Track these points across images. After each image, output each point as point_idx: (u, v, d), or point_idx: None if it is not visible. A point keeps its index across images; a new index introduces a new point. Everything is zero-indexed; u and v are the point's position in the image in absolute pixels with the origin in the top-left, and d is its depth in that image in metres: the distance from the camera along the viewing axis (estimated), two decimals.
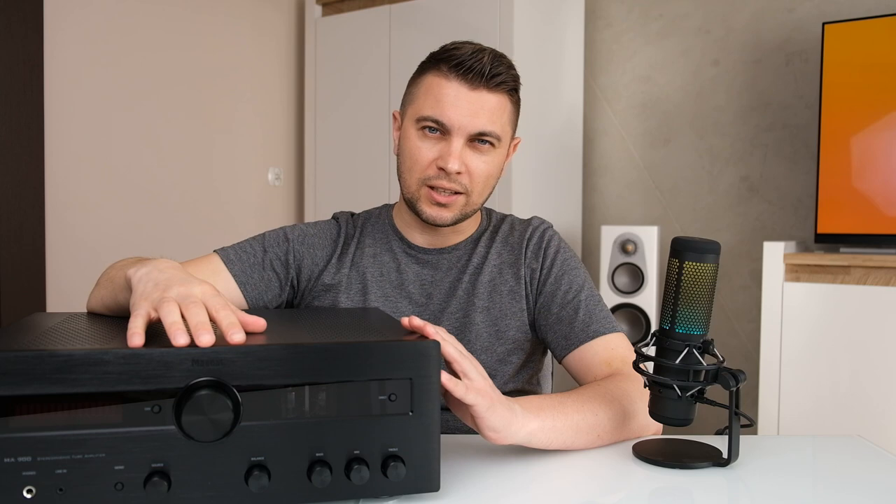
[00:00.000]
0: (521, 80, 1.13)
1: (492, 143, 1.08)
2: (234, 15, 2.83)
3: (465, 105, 1.05)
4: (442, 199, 1.08)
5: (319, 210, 2.95)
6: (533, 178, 2.59)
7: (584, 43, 2.89)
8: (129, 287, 0.82)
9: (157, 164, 2.57)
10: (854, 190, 2.23)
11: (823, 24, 2.27)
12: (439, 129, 1.07)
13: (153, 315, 0.71)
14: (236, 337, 0.67)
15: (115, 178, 2.45)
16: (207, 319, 0.69)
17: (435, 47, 1.11)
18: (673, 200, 2.78)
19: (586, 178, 2.93)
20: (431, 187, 1.08)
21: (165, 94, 2.59)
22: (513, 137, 1.15)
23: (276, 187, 3.03)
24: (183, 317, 0.69)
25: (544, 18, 2.63)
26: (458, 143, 1.06)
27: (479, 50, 1.06)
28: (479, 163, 1.08)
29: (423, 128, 1.08)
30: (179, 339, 0.65)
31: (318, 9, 2.97)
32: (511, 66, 1.09)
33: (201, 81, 2.71)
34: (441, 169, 1.07)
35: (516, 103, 1.13)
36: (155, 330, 0.73)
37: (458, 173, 1.07)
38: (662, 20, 2.77)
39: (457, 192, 1.08)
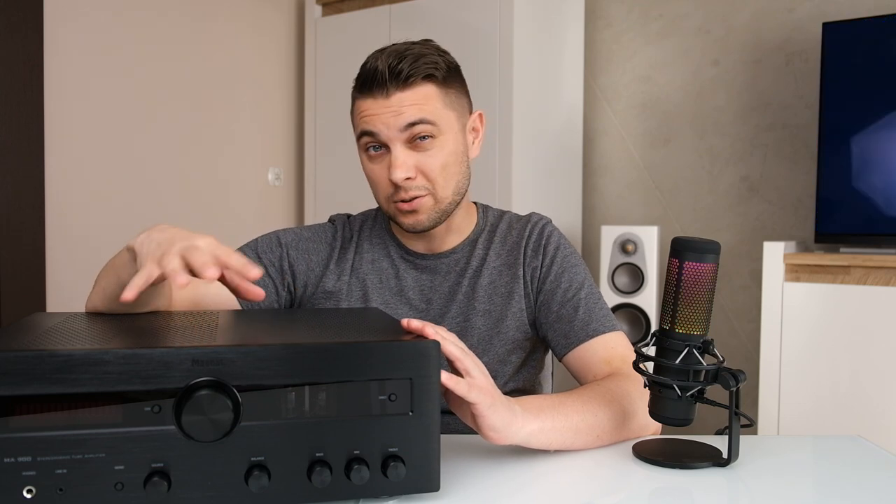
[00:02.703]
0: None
1: (431, 136, 1.06)
2: (234, 15, 2.83)
3: (387, 111, 1.04)
4: (407, 206, 1.07)
5: (319, 210, 2.95)
6: (533, 178, 2.59)
7: (584, 43, 2.89)
8: (133, 260, 0.83)
9: (156, 164, 2.57)
10: (854, 190, 2.23)
11: (823, 24, 2.27)
12: (381, 146, 1.07)
13: (156, 273, 0.74)
14: (253, 272, 0.74)
15: (115, 178, 2.45)
16: (210, 259, 0.73)
17: None
18: (673, 200, 2.78)
19: (586, 178, 2.93)
20: (397, 201, 1.08)
21: (165, 94, 2.59)
22: (466, 115, 1.12)
23: (276, 187, 3.03)
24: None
25: (544, 18, 2.63)
26: (396, 150, 1.05)
27: (375, 58, 1.06)
28: (427, 158, 1.06)
29: (367, 148, 1.08)
30: (180, 278, 0.70)
31: (318, 9, 2.97)
32: (418, 56, 1.05)
33: (201, 81, 2.71)
34: (392, 182, 1.07)
35: (444, 84, 1.08)
36: (156, 329, 0.73)
37: (408, 179, 1.06)
38: (662, 20, 2.77)
39: (417, 197, 1.07)
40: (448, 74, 1.09)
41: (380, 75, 1.04)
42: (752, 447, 0.91)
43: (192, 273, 0.74)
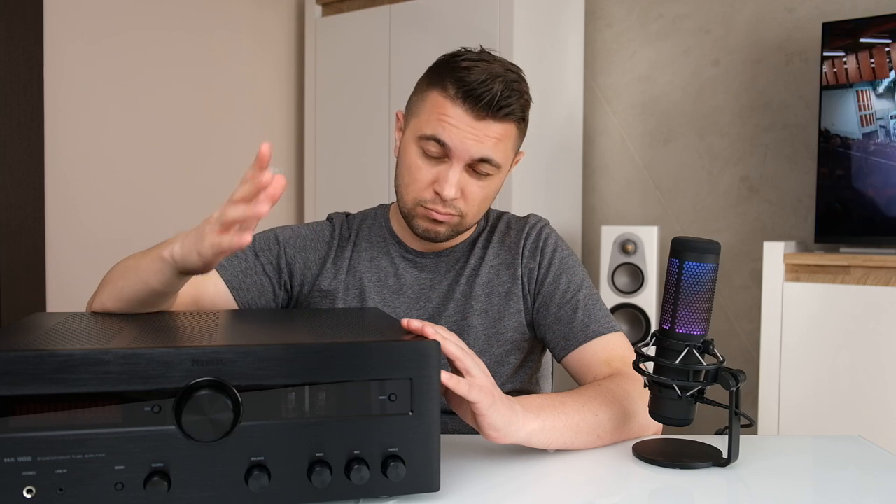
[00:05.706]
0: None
1: (490, 173, 1.06)
2: (234, 15, 2.83)
3: (469, 132, 1.02)
4: (438, 216, 1.06)
5: (319, 210, 2.95)
6: (533, 178, 2.59)
7: (584, 43, 2.89)
8: (171, 263, 0.84)
9: (156, 164, 2.57)
10: (854, 190, 2.23)
11: (823, 24, 2.27)
12: (440, 156, 1.04)
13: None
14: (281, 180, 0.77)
15: (115, 177, 2.45)
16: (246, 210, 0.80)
17: (435, 47, 1.09)
18: (673, 200, 2.78)
19: (586, 178, 2.93)
20: (429, 208, 1.06)
21: (165, 93, 2.59)
22: (515, 157, 1.13)
23: None
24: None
25: (544, 18, 2.63)
26: (456, 169, 1.04)
27: (491, 78, 1.02)
28: (476, 188, 1.06)
29: (425, 149, 1.05)
30: (247, 237, 0.77)
31: (318, 9, 2.97)
32: (523, 93, 1.06)
33: (201, 81, 2.71)
34: (437, 193, 1.05)
35: (523, 128, 1.10)
36: (156, 329, 0.73)
37: (454, 199, 1.05)
38: (662, 20, 2.77)
39: (450, 214, 1.07)
40: (527, 116, 1.10)
41: (488, 98, 1.01)
42: (752, 447, 0.91)
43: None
